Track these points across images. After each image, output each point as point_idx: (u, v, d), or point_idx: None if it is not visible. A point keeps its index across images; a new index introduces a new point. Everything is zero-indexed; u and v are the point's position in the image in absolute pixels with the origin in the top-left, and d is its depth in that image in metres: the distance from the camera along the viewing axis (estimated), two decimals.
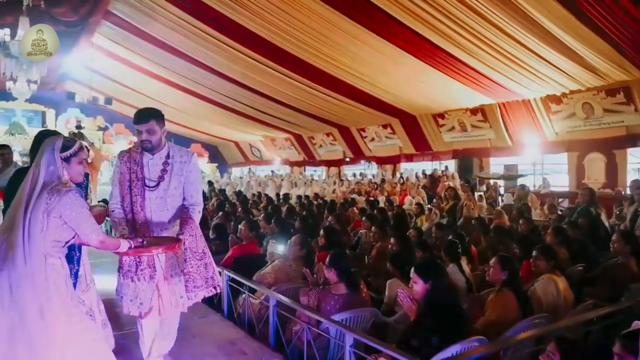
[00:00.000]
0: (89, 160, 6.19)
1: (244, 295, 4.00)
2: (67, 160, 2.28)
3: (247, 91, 14.78)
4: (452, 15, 7.97)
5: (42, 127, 20.27)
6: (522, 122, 11.72)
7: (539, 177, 12.82)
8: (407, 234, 5.14)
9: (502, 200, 10.61)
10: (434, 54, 9.72)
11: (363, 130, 16.76)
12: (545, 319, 3.13)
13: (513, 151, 12.54)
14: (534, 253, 3.78)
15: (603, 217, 6.04)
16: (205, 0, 9.73)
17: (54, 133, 2.97)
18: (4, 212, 3.15)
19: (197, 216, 2.86)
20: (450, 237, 4.64)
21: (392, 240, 4.49)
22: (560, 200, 10.54)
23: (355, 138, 17.34)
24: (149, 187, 2.81)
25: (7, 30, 12.06)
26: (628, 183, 10.16)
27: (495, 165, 13.78)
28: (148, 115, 2.80)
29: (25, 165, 3.37)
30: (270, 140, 21.84)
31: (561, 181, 12.40)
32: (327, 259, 3.36)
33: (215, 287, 2.89)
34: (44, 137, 2.69)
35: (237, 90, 14.98)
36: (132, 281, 2.76)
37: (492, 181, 12.28)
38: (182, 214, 2.82)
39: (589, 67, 8.79)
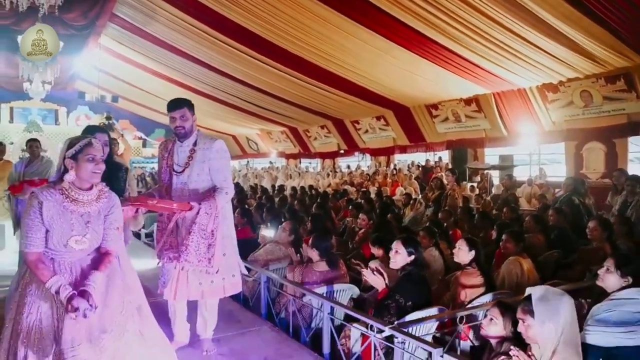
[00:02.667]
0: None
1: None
2: (74, 158, 2.14)
3: (244, 86, 14.98)
4: (440, 5, 7.98)
5: (55, 124, 22.35)
6: (517, 111, 11.65)
7: (535, 167, 12.76)
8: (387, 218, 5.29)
9: (492, 191, 10.62)
10: (424, 46, 9.73)
11: (357, 122, 16.87)
12: (507, 295, 3.40)
13: (508, 141, 12.46)
14: (503, 236, 3.91)
15: (591, 205, 6.09)
16: (202, 1, 10.01)
17: (100, 128, 3.27)
18: None
19: (221, 197, 2.90)
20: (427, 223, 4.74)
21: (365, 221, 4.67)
22: (557, 190, 10.47)
23: (349, 130, 17.45)
24: (176, 172, 2.97)
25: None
26: (630, 173, 10.05)
27: (490, 155, 13.79)
28: (181, 103, 2.99)
29: None
30: (267, 133, 22.04)
31: (559, 171, 12.31)
32: (310, 241, 3.74)
33: (207, 270, 2.90)
34: (90, 131, 3.07)
35: (234, 86, 15.19)
36: (160, 262, 3.00)
37: (486, 172, 12.31)
38: (207, 192, 2.91)
39: (586, 54, 8.61)
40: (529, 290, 2.22)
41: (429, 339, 2.92)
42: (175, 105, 2.97)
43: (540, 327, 2.08)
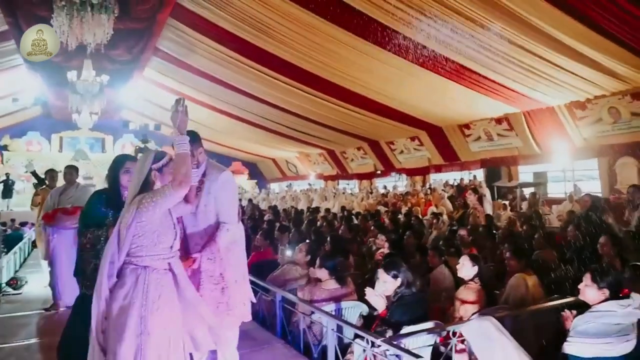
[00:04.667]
0: None
1: (258, 294, 4.61)
2: (160, 171, 2.40)
3: (282, 112, 15.63)
4: (468, 34, 8.32)
5: (102, 152, 22.85)
6: (548, 129, 11.71)
7: (569, 183, 12.64)
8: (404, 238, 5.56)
9: (521, 208, 10.67)
10: (452, 69, 10.01)
11: (392, 143, 17.18)
12: (506, 309, 3.56)
13: (542, 158, 12.52)
14: (506, 254, 4.12)
15: (611, 222, 6.18)
16: (239, 34, 10.70)
17: (130, 157, 3.38)
18: (80, 233, 3.26)
19: (224, 235, 2.84)
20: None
21: (384, 243, 4.92)
22: None
23: (384, 151, 17.76)
24: (185, 201, 2.80)
25: (74, 72, 13.85)
26: None
27: (524, 173, 13.78)
28: None
29: (101, 189, 3.56)
30: (305, 156, 22.64)
31: (594, 187, 12.18)
32: (318, 261, 3.96)
33: (228, 313, 2.84)
34: (121, 160, 3.18)
35: (272, 112, 15.87)
36: None
37: (524, 189, 12.32)
38: (211, 235, 2.85)
39: (610, 72, 8.78)
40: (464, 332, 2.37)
41: (427, 351, 3.09)
42: None
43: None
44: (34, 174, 7.52)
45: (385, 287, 3.34)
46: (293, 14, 9.25)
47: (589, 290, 2.92)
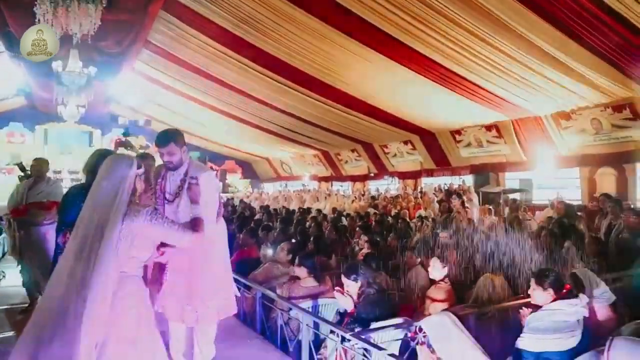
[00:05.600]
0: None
1: (240, 291, 4.67)
2: (140, 177, 2.39)
3: (276, 111, 15.80)
4: (461, 42, 8.65)
5: (90, 146, 21.89)
6: (535, 137, 12.06)
7: (553, 191, 12.96)
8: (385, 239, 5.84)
9: (505, 214, 10.98)
10: (444, 76, 10.34)
11: (385, 146, 17.44)
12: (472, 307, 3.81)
13: (528, 166, 12.85)
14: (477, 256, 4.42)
15: (582, 227, 6.52)
16: (233, 31, 10.77)
17: (110, 152, 3.06)
18: (58, 230, 3.11)
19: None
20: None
21: (364, 243, 5.20)
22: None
23: (378, 154, 18.04)
24: (167, 200, 3.07)
25: (59, 62, 13.39)
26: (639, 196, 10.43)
27: (511, 179, 14.12)
28: (167, 139, 2.99)
29: (80, 182, 3.39)
30: (300, 156, 22.79)
31: (575, 195, 12.53)
32: (297, 259, 4.16)
33: (189, 305, 2.93)
34: (102, 155, 2.82)
35: (267, 111, 16.01)
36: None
37: (509, 196, 12.62)
38: None
39: (593, 85, 9.15)
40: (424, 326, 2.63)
41: (395, 345, 3.31)
42: (161, 141, 2.99)
43: (448, 354, 2.48)
44: (20, 166, 7.01)
45: (350, 292, 3.56)
46: (288, 13, 9.39)
47: (536, 294, 3.17)
